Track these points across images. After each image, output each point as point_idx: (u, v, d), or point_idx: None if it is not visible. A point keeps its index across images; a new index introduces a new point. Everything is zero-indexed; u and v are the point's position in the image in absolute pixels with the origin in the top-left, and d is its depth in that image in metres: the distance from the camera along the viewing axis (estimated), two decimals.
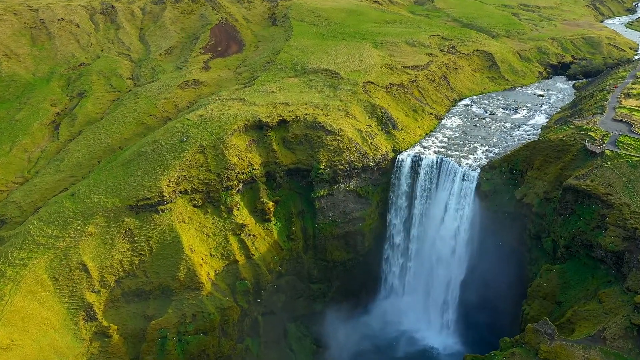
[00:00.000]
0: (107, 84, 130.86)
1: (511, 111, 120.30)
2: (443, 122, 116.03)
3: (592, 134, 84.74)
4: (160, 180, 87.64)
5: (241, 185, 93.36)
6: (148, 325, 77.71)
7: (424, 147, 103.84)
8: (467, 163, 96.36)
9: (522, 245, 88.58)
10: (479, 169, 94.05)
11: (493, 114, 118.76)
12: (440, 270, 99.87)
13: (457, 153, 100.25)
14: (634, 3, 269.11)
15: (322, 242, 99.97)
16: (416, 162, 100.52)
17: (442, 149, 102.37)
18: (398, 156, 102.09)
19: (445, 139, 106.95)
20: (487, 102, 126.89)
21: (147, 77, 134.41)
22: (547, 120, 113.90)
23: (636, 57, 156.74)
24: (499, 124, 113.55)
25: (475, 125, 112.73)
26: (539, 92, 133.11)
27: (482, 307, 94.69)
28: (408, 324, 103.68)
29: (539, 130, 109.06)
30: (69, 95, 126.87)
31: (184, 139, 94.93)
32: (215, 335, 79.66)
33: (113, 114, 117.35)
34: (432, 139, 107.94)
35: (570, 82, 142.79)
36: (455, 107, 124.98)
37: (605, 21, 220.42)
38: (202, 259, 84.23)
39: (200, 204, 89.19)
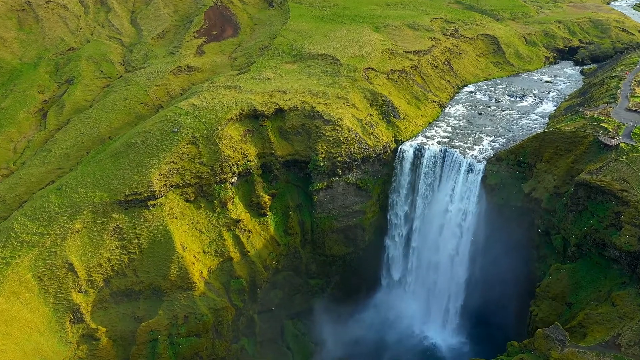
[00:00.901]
0: (97, 69, 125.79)
1: (517, 98, 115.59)
2: (446, 110, 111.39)
3: (605, 125, 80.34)
4: (151, 173, 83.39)
5: (236, 178, 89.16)
6: (138, 327, 74.29)
7: (427, 137, 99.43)
8: (472, 154, 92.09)
9: (530, 242, 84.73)
10: (484, 161, 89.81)
11: (498, 102, 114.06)
12: (443, 265, 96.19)
13: (461, 144, 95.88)
14: None
15: (320, 237, 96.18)
16: (419, 153, 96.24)
17: (446, 139, 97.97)
18: (400, 147, 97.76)
19: (449, 129, 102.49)
20: (492, 88, 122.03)
21: (138, 62, 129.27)
22: (555, 108, 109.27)
23: None
24: (505, 112, 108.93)
25: (480, 114, 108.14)
26: (546, 78, 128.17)
27: (486, 303, 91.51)
28: (409, 320, 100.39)
29: (547, 119, 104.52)
30: (57, 81, 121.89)
31: (176, 130, 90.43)
32: (209, 337, 76.22)
33: (103, 102, 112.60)
34: (435, 128, 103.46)
35: (577, 67, 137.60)
36: (459, 94, 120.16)
37: (612, 3, 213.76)
38: (195, 257, 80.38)
39: (192, 198, 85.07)
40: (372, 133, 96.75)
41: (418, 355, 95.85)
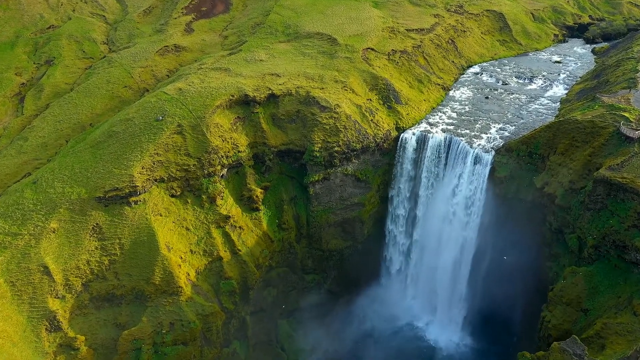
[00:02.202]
0: (78, 49, 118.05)
1: (526, 80, 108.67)
2: (451, 93, 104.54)
3: (626, 114, 73.87)
4: (132, 166, 76.98)
5: (225, 170, 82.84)
6: (120, 336, 68.85)
7: (431, 125, 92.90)
8: (480, 144, 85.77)
9: (541, 238, 79.00)
10: (493, 152, 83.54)
11: (506, 84, 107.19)
12: (447, 260, 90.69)
13: (467, 131, 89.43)
14: None
15: (317, 231, 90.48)
16: (422, 141, 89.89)
17: (451, 127, 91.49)
18: (402, 135, 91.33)
19: (454, 114, 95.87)
20: (499, 69, 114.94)
21: (123, 41, 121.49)
22: (566, 91, 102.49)
23: None
24: (513, 95, 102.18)
25: (487, 98, 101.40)
26: (556, 57, 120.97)
27: (492, 300, 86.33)
28: (410, 317, 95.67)
29: (558, 103, 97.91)
30: (36, 62, 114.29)
31: (160, 118, 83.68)
32: (197, 344, 70.97)
33: (84, 85, 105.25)
34: (439, 114, 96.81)
35: (588, 45, 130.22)
36: (464, 75, 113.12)
37: None
38: (181, 257, 74.59)
39: (178, 193, 78.87)
40: (372, 120, 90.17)
41: (419, 353, 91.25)
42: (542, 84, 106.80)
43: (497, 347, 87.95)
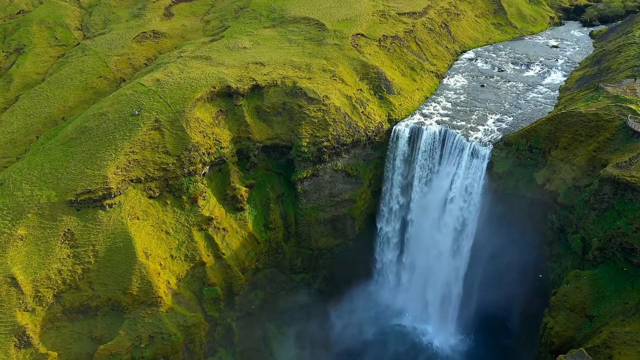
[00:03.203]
0: (50, 36, 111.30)
1: (522, 67, 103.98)
2: (445, 81, 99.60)
3: (633, 106, 69.51)
4: (106, 166, 71.55)
5: (207, 168, 77.68)
6: (96, 351, 64.11)
7: (425, 116, 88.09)
8: (477, 137, 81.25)
9: (542, 237, 75.13)
10: (491, 145, 79.06)
11: (502, 71, 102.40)
12: (441, 258, 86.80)
13: (463, 123, 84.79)
14: None
15: (305, 229, 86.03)
16: (415, 134, 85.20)
17: (446, 118, 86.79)
18: (394, 127, 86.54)
19: (449, 104, 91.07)
20: (494, 55, 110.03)
21: (98, 27, 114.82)
22: (565, 79, 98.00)
23: None
24: (510, 83, 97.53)
25: (483, 86, 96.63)
26: (552, 42, 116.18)
27: (489, 300, 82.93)
28: (404, 317, 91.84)
29: (557, 92, 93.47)
30: (5, 51, 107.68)
31: (136, 112, 78.06)
32: (179, 357, 66.47)
33: (56, 76, 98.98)
34: (433, 103, 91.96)
35: (585, 29, 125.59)
36: (458, 61, 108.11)
37: None
38: (161, 264, 69.72)
39: (156, 194, 73.70)
40: (362, 112, 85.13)
41: (412, 354, 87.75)
42: (539, 71, 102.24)
43: (494, 349, 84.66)
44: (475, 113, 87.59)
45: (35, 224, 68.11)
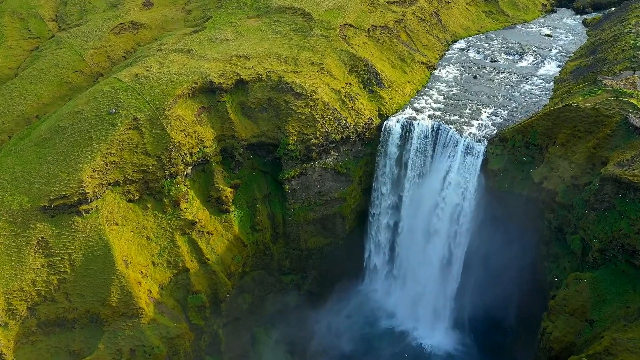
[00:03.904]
0: (23, 28, 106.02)
1: (516, 57, 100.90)
2: (436, 72, 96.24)
3: (633, 100, 66.81)
4: (82, 169, 67.54)
5: (190, 168, 73.95)
6: None
7: (416, 110, 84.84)
8: (471, 132, 78.23)
9: (539, 236, 72.66)
10: (485, 141, 76.13)
11: (495, 61, 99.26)
12: (435, 257, 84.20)
13: (457, 117, 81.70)
14: None
15: (294, 230, 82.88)
16: (407, 129, 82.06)
17: (439, 112, 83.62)
18: (385, 122, 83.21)
19: (441, 98, 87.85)
20: (486, 44, 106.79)
21: (74, 17, 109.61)
22: (559, 69, 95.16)
23: None
24: (503, 75, 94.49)
25: (476, 78, 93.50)
26: (545, 30, 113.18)
27: (483, 301, 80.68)
28: (396, 318, 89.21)
29: (552, 83, 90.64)
30: None
31: (113, 111, 73.91)
32: None
33: (29, 70, 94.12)
34: (425, 97, 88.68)
35: (578, 16, 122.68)
36: (450, 51, 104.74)
37: None
38: (142, 272, 66.19)
39: (136, 198, 69.90)
40: (352, 107, 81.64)
41: (403, 355, 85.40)
42: (533, 61, 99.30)
43: (489, 349, 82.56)
44: (469, 107, 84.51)
45: (7, 232, 64.09)
